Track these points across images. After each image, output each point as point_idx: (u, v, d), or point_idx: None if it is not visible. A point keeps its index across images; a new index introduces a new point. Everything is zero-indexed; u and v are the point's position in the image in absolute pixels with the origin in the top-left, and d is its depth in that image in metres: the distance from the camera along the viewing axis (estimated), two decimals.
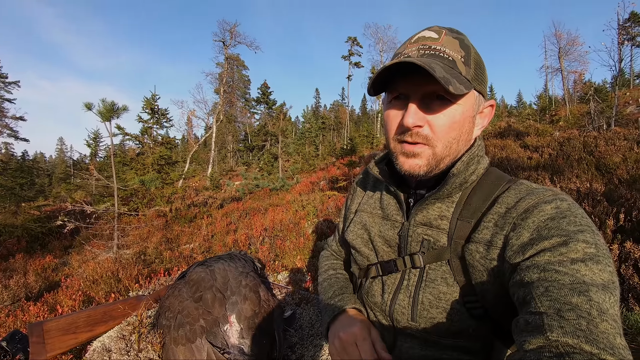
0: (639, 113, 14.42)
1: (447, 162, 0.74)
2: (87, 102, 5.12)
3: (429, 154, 0.71)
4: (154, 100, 11.63)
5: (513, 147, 8.10)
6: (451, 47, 0.68)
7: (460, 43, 0.69)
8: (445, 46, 0.68)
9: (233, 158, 37.81)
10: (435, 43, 0.69)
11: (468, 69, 0.68)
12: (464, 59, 0.68)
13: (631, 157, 5.17)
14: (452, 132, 0.70)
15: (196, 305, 1.49)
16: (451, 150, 0.72)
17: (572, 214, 0.59)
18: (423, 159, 0.71)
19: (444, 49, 0.68)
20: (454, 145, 0.71)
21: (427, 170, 0.72)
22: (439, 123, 0.68)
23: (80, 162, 26.75)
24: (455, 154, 0.74)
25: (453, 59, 0.67)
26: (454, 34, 0.71)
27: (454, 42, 0.69)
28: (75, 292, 3.47)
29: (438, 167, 0.73)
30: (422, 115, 0.68)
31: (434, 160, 0.71)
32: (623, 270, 2.23)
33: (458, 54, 0.68)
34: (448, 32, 0.71)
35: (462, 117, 0.70)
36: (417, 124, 0.68)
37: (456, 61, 0.67)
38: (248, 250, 4.57)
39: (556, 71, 28.74)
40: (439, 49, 0.68)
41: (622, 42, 13.35)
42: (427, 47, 0.69)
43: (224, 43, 25.70)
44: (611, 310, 0.47)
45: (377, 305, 0.83)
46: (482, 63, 0.74)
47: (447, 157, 0.72)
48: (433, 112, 0.68)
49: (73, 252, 7.48)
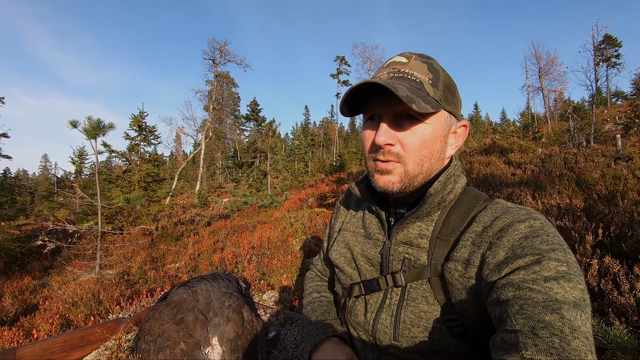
0: (616, 130, 14.96)
1: (420, 180, 0.76)
2: (72, 119, 5.06)
3: (401, 171, 0.73)
4: (141, 118, 11.56)
5: (497, 163, 8.28)
6: (419, 70, 0.72)
7: (428, 67, 0.74)
8: (413, 69, 0.72)
9: (222, 175, 37.55)
10: (405, 67, 0.73)
11: (436, 90, 0.72)
12: (431, 81, 0.72)
13: (609, 174, 5.34)
14: (423, 150, 0.72)
15: (177, 327, 1.46)
16: (423, 168, 0.74)
17: (545, 233, 0.62)
18: (396, 176, 0.74)
19: (412, 72, 0.72)
20: (426, 163, 0.74)
21: (400, 187, 0.75)
22: (410, 141, 0.71)
23: (65, 179, 26.18)
24: (428, 172, 0.76)
25: (420, 80, 0.71)
26: (423, 59, 0.75)
27: (422, 65, 0.73)
28: (54, 316, 3.33)
29: (412, 184, 0.76)
30: (393, 134, 0.72)
31: (407, 177, 0.74)
32: (603, 285, 2.27)
33: (426, 77, 0.72)
34: (418, 57, 0.75)
35: (433, 136, 0.73)
36: (388, 142, 0.71)
37: (423, 83, 0.71)
38: (235, 269, 4.50)
39: (537, 90, 29.81)
40: (407, 72, 0.72)
41: (597, 63, 13.96)
42: (396, 71, 0.73)
43: (213, 61, 25.94)
44: (583, 328, 0.49)
45: (360, 324, 0.83)
46: (453, 86, 0.78)
47: (420, 175, 0.75)
48: (404, 130, 0.72)
49: (53, 273, 7.22)
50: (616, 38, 27.89)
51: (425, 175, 0.76)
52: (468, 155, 10.73)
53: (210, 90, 27.04)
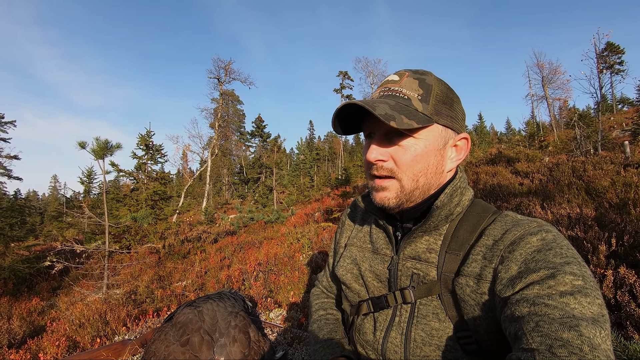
0: (624, 137, 14.83)
1: (418, 195, 0.75)
2: (80, 140, 5.16)
3: (396, 186, 0.74)
4: (148, 137, 11.75)
5: (504, 173, 8.20)
6: (409, 87, 0.73)
7: (419, 82, 0.74)
8: (403, 87, 0.73)
9: (228, 191, 37.72)
10: (395, 85, 0.74)
11: (425, 105, 0.71)
12: (420, 97, 0.72)
13: (619, 181, 5.25)
14: (416, 164, 0.72)
15: (183, 349, 1.44)
16: (419, 183, 0.74)
17: (558, 246, 0.60)
18: (392, 192, 0.74)
19: (401, 89, 0.73)
20: (421, 178, 0.74)
21: (396, 202, 0.75)
22: (401, 157, 0.72)
23: (74, 199, 26.50)
24: (426, 187, 0.75)
25: (409, 97, 0.72)
26: (417, 75, 0.75)
27: (413, 82, 0.74)
28: (60, 337, 3.32)
29: (410, 199, 0.75)
30: (384, 150, 0.73)
31: (403, 193, 0.74)
32: (619, 297, 2.20)
33: (415, 93, 0.72)
34: (411, 73, 0.75)
35: (425, 151, 0.72)
36: (379, 159, 0.73)
37: (411, 99, 0.71)
38: (242, 287, 4.46)
39: (541, 99, 29.72)
40: (396, 90, 0.73)
41: (601, 71, 13.94)
42: (387, 89, 0.75)
43: (218, 80, 26.43)
44: (603, 345, 0.47)
45: (369, 343, 0.81)
46: (451, 99, 0.76)
47: (417, 190, 0.74)
48: (395, 146, 0.73)
49: (61, 294, 7.23)
50: (618, 45, 27.90)
51: (423, 190, 0.75)
52: (474, 165, 10.67)
53: (216, 108, 27.44)
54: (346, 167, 23.67)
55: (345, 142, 46.21)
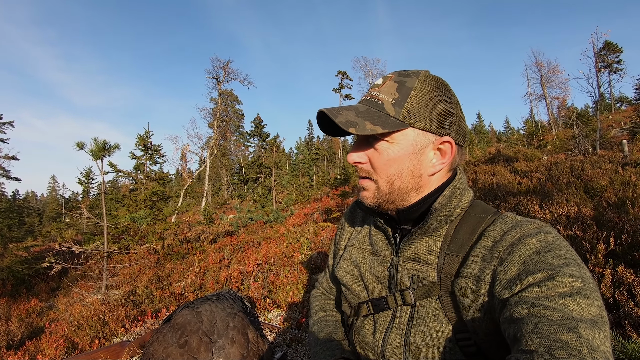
0: (622, 136, 14.86)
1: (395, 197, 0.76)
2: (79, 141, 5.15)
3: (374, 187, 0.77)
4: (147, 137, 11.74)
5: (503, 172, 8.21)
6: (387, 91, 0.73)
7: (399, 86, 0.72)
8: (381, 92, 0.74)
9: (227, 191, 37.71)
10: (376, 89, 0.75)
11: (398, 109, 0.70)
12: (394, 101, 0.71)
13: (617, 180, 5.26)
14: (389, 168, 0.73)
15: (181, 351, 1.44)
16: (394, 186, 0.74)
17: (557, 247, 0.60)
18: (370, 192, 0.78)
19: (378, 94, 0.73)
20: (396, 181, 0.73)
21: (374, 202, 0.77)
22: (376, 159, 0.74)
23: (72, 200, 26.46)
24: (403, 190, 0.74)
25: (382, 102, 0.72)
26: (400, 78, 0.73)
27: (393, 85, 0.73)
28: (59, 339, 3.31)
29: (389, 201, 0.76)
30: (362, 153, 0.76)
31: (379, 194, 0.76)
32: (617, 296, 2.20)
33: (390, 97, 0.72)
34: (396, 77, 0.74)
35: (398, 154, 0.72)
36: (357, 161, 0.77)
37: (385, 103, 0.71)
38: (241, 287, 4.46)
39: (540, 98, 29.79)
40: (374, 94, 0.74)
41: (599, 70, 13.94)
42: (369, 94, 0.76)
43: (217, 79, 26.40)
44: (602, 347, 0.47)
45: (369, 345, 0.81)
46: (437, 101, 0.72)
47: (393, 193, 0.74)
48: (371, 149, 0.75)
49: (60, 295, 7.22)
50: (616, 44, 27.99)
51: (400, 193, 0.75)
52: (473, 165, 10.68)
53: (215, 107, 27.42)
54: (345, 166, 23.68)
55: (344, 142, 46.18)
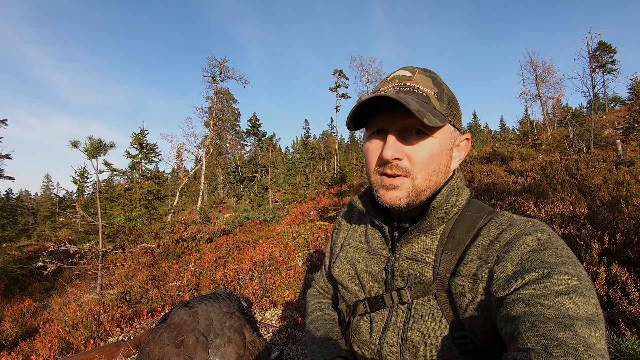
0: (616, 135, 14.98)
1: (428, 194, 0.75)
2: (73, 140, 5.10)
3: (409, 186, 0.72)
4: (142, 136, 11.66)
5: (498, 171, 8.25)
6: (424, 84, 0.72)
7: (432, 81, 0.74)
8: (419, 83, 0.72)
9: (223, 190, 37.59)
10: (410, 80, 0.73)
11: (442, 104, 0.71)
12: (437, 95, 0.72)
13: (611, 179, 5.31)
14: (431, 164, 0.72)
15: (177, 350, 1.43)
16: (431, 182, 0.73)
17: (553, 245, 0.60)
18: (403, 191, 0.72)
19: (418, 86, 0.72)
20: (434, 177, 0.73)
21: (407, 202, 0.73)
22: (418, 155, 0.70)
23: (67, 199, 26.23)
24: (435, 186, 0.75)
25: (427, 94, 0.71)
26: (427, 73, 0.75)
27: (427, 79, 0.73)
28: (53, 339, 3.28)
29: (419, 199, 0.74)
30: (400, 148, 0.71)
31: (414, 192, 0.72)
32: (611, 294, 2.22)
33: (431, 90, 0.72)
34: (421, 71, 0.75)
35: (440, 150, 0.72)
36: (396, 157, 0.70)
37: (430, 97, 0.71)
38: (237, 286, 4.45)
39: (535, 97, 29.93)
40: (413, 86, 0.72)
41: (593, 70, 14.04)
42: (402, 85, 0.73)
43: (213, 78, 26.26)
44: (598, 345, 0.47)
45: (366, 343, 0.81)
46: (455, 100, 0.78)
47: (428, 189, 0.74)
48: (411, 144, 0.71)
49: (54, 294, 7.16)
50: (610, 44, 28.19)
51: (433, 190, 0.75)
52: (469, 164, 10.72)
53: (211, 106, 27.29)
54: (342, 165, 23.68)
55: (340, 140, 46.26)
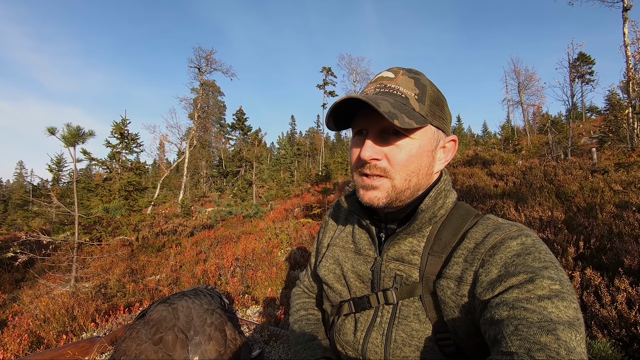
0: (591, 144, 15.55)
1: (408, 195, 0.75)
2: (50, 126, 4.90)
3: (388, 186, 0.72)
4: (124, 125, 11.30)
5: (480, 175, 8.43)
6: (405, 85, 0.72)
7: (415, 82, 0.73)
8: (399, 85, 0.72)
9: (206, 184, 37.03)
10: (391, 82, 0.73)
11: (422, 105, 0.71)
12: (417, 96, 0.71)
13: (587, 186, 5.51)
14: (410, 164, 0.71)
15: (155, 348, 1.39)
16: (411, 183, 0.73)
17: (537, 250, 0.61)
18: (382, 191, 0.73)
19: (398, 87, 0.71)
20: (414, 178, 0.73)
21: (386, 202, 0.73)
22: (396, 156, 0.71)
23: (41, 187, 25.24)
24: (416, 187, 0.75)
25: (406, 96, 0.70)
26: (411, 74, 0.74)
27: (409, 80, 0.73)
28: (23, 333, 3.15)
29: (399, 199, 0.74)
30: (378, 149, 0.71)
31: (394, 192, 0.73)
32: (585, 298, 2.30)
33: (412, 92, 0.71)
34: (406, 72, 0.75)
35: (419, 151, 0.72)
36: (374, 157, 0.71)
37: (409, 98, 0.70)
38: (218, 282, 4.38)
39: (517, 104, 30.82)
40: (393, 87, 0.71)
41: (573, 79, 14.53)
42: (383, 86, 0.73)
43: (199, 69, 25.80)
44: (578, 349, 0.48)
45: (350, 344, 0.81)
46: (442, 101, 0.77)
47: (407, 190, 0.74)
48: (390, 145, 0.71)
49: (25, 286, 6.89)
50: (590, 56, 29.24)
51: (413, 191, 0.75)
52: (452, 166, 10.92)
53: (196, 98, 26.82)
54: (327, 163, 23.72)
55: (326, 138, 46.31)
